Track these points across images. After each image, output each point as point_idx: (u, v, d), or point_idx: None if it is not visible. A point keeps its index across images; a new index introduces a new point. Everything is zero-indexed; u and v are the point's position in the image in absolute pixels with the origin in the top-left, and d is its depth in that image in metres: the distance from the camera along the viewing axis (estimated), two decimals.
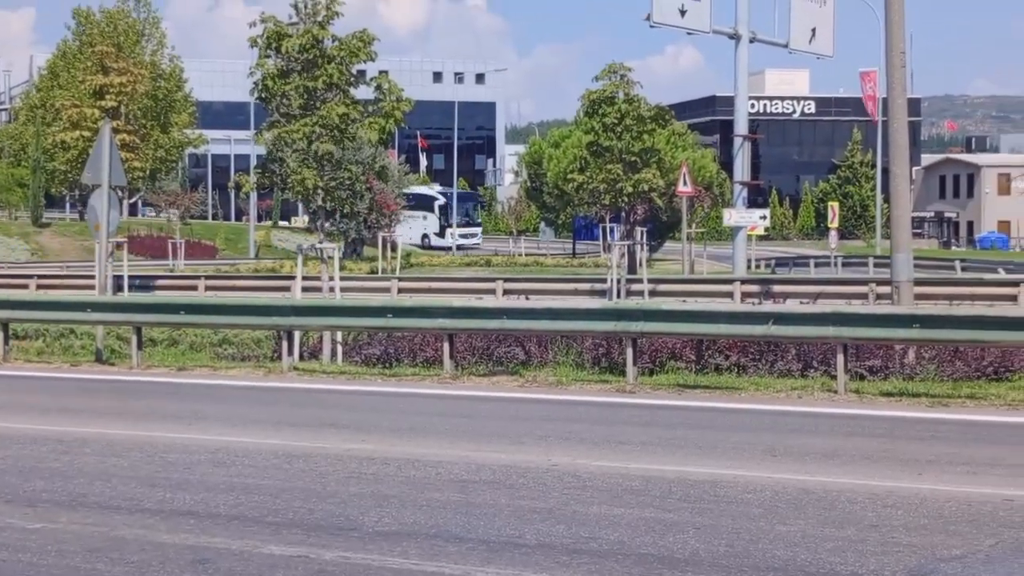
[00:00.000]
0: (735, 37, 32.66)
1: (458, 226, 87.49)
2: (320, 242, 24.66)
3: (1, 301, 23.37)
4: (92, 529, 9.25)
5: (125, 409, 16.62)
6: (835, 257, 55.19)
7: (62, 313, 22.98)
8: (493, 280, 33.08)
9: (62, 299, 25.08)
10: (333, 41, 24.11)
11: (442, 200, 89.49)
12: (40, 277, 37.11)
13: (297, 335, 21.53)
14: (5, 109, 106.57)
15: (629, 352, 18.01)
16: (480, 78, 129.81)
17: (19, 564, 8.33)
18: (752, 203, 44.99)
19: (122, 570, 8.20)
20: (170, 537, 8.97)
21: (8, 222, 73.04)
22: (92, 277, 26.87)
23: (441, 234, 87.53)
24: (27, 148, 77.22)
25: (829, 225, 57.52)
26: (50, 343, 25.39)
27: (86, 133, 68.32)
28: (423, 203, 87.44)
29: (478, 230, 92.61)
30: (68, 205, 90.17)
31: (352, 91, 24.48)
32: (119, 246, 29.20)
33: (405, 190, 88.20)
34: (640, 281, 31.23)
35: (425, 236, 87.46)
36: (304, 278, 24.94)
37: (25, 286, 34.81)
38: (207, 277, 37.17)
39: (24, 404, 17.13)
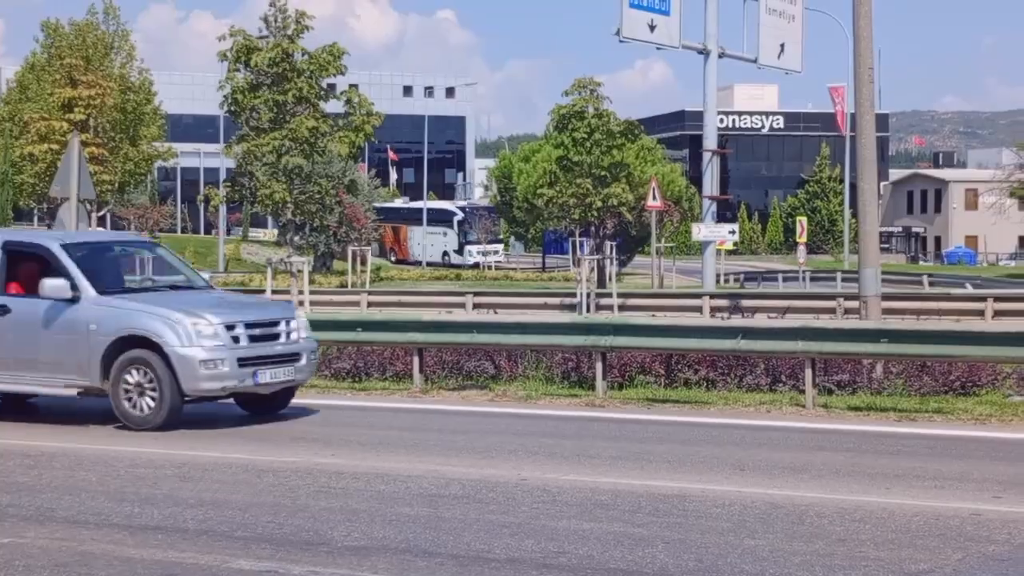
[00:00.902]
0: (704, 52, 32.75)
1: (479, 242, 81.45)
2: (290, 256, 24.62)
3: None
4: (60, 544, 9.20)
5: (92, 422, 16.50)
6: (803, 272, 55.44)
7: None
8: (463, 294, 33.07)
9: None
10: (303, 55, 24.13)
11: (461, 215, 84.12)
12: None
13: None
14: None
15: (599, 366, 18.03)
16: (450, 92, 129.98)
17: None
18: (721, 217, 45.15)
19: None
20: (138, 552, 8.93)
21: None
22: None
23: (460, 251, 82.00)
24: None
25: (797, 240, 57.82)
26: None
27: (54, 146, 67.67)
28: (442, 218, 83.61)
29: (500, 247, 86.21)
30: (36, 218, 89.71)
31: (322, 105, 24.51)
32: None
33: (424, 205, 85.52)
34: (609, 295, 31.34)
35: (446, 254, 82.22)
36: (274, 291, 24.91)
37: None
38: None
39: None
